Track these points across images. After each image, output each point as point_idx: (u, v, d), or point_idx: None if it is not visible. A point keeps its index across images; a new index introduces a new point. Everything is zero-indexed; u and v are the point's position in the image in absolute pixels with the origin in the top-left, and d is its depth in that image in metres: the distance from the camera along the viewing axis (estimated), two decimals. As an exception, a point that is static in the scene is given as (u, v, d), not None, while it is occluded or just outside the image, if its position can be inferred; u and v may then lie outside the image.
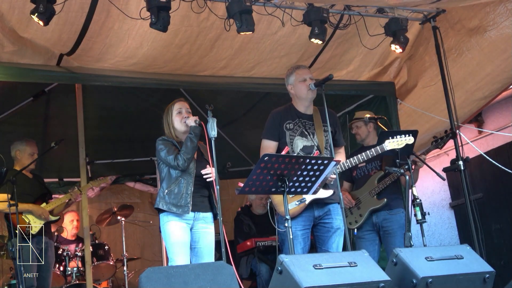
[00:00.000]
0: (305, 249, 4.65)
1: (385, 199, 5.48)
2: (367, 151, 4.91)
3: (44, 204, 6.06)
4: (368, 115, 5.79)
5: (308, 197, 4.55)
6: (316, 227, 4.74)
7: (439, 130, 6.65)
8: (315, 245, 4.85)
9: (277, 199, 4.61)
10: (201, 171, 4.58)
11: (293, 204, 4.56)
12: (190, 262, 4.56)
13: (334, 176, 4.55)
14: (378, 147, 4.87)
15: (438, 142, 5.54)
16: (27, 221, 5.85)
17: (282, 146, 4.72)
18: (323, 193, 4.64)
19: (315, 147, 4.72)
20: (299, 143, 4.74)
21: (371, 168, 5.66)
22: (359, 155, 4.90)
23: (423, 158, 5.39)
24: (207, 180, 4.57)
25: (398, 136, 4.83)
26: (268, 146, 4.77)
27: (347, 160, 4.91)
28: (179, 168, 4.55)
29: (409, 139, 4.83)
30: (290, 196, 4.43)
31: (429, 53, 6.42)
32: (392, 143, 4.82)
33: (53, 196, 6.48)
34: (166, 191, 4.58)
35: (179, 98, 4.92)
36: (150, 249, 9.07)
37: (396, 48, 5.74)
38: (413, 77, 6.79)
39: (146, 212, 9.18)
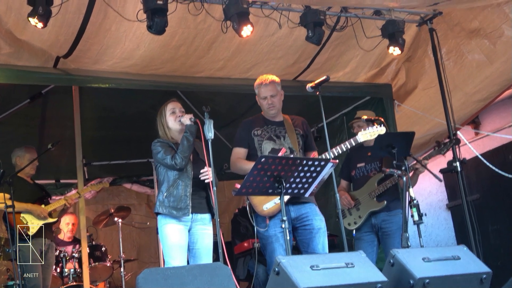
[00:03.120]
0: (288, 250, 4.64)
1: (385, 201, 5.48)
2: (341, 144, 4.87)
3: (42, 206, 6.08)
4: (365, 117, 5.80)
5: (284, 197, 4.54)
6: (297, 231, 4.72)
7: (439, 130, 6.67)
8: (299, 249, 4.83)
9: (256, 199, 4.63)
10: (200, 172, 4.58)
11: (271, 203, 4.57)
12: (188, 263, 4.55)
13: None
14: (351, 139, 4.88)
15: (441, 148, 5.53)
16: (25, 222, 5.86)
17: (252, 152, 4.81)
18: None
19: (287, 148, 4.74)
20: (267, 147, 4.80)
21: (370, 169, 5.67)
22: (333, 149, 4.78)
23: (425, 163, 5.38)
24: (205, 181, 4.57)
25: (370, 128, 4.87)
26: (238, 152, 4.87)
27: (323, 154, 4.87)
28: (176, 168, 4.53)
29: (381, 130, 4.88)
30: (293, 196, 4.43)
31: (428, 55, 6.44)
32: (365, 135, 4.87)
33: (52, 197, 6.52)
34: (165, 194, 4.56)
35: (172, 99, 4.92)
36: (147, 251, 9.07)
37: (395, 50, 5.75)
38: (413, 79, 6.80)
39: (143, 214, 9.19)
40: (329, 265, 3.38)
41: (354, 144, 4.87)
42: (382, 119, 5.82)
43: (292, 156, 4.66)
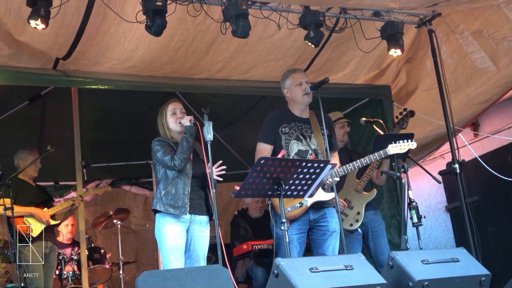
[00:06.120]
0: (300, 253, 4.64)
1: (375, 189, 5.50)
2: (370, 155, 4.88)
3: (45, 209, 6.07)
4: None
5: (309, 200, 4.55)
6: (312, 230, 4.73)
7: (441, 132, 6.66)
8: (311, 248, 4.85)
9: (278, 201, 4.61)
10: (214, 170, 4.55)
11: (294, 207, 4.56)
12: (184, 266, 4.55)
13: (337, 179, 4.61)
14: (381, 151, 4.85)
15: (399, 123, 5.55)
16: (28, 224, 5.85)
17: (278, 150, 4.71)
18: (325, 196, 4.64)
19: (311, 152, 4.73)
20: (294, 147, 4.73)
21: None
22: (361, 159, 4.89)
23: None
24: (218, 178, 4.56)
25: (400, 141, 4.82)
26: (263, 149, 4.76)
27: (350, 164, 4.91)
28: (175, 169, 4.54)
29: (412, 144, 4.82)
30: (292, 198, 4.44)
31: (430, 57, 6.42)
32: (395, 148, 4.81)
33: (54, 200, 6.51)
34: (163, 192, 4.57)
35: (173, 99, 4.91)
36: (145, 253, 9.05)
37: (396, 52, 5.72)
38: (414, 80, 6.79)
39: (141, 216, 9.17)
40: (328, 268, 3.38)
41: (383, 156, 4.86)
42: (381, 121, 5.82)
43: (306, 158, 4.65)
